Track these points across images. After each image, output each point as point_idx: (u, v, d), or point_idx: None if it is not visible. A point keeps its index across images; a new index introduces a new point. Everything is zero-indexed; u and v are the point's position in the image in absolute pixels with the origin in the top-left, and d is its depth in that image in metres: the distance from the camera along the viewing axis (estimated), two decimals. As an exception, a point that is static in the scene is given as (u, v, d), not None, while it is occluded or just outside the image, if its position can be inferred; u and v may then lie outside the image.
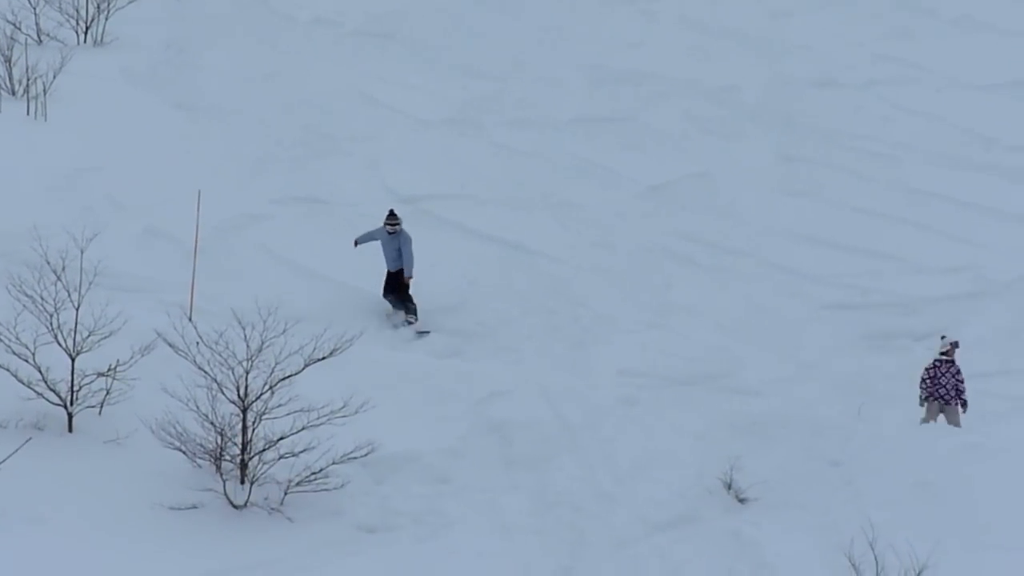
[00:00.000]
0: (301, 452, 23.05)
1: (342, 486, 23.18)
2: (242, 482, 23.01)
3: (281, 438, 23.09)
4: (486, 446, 25.27)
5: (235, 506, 22.60)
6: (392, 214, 26.56)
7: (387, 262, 26.08)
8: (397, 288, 25.92)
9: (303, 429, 23.14)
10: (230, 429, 23.12)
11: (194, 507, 22.72)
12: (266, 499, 22.94)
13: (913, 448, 25.85)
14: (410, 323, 25.75)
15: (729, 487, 24.62)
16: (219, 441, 22.95)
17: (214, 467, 23.02)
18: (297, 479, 23.01)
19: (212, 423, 22.98)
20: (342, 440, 23.36)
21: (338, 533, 22.94)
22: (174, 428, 23.03)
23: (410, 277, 25.72)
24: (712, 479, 24.78)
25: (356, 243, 26.62)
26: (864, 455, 25.66)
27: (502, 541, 23.18)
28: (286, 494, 22.93)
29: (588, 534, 23.63)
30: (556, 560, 22.96)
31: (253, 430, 23.22)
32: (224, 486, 22.77)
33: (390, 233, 26.34)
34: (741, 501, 24.49)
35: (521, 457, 25.17)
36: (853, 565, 21.86)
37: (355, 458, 23.15)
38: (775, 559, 23.22)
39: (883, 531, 22.49)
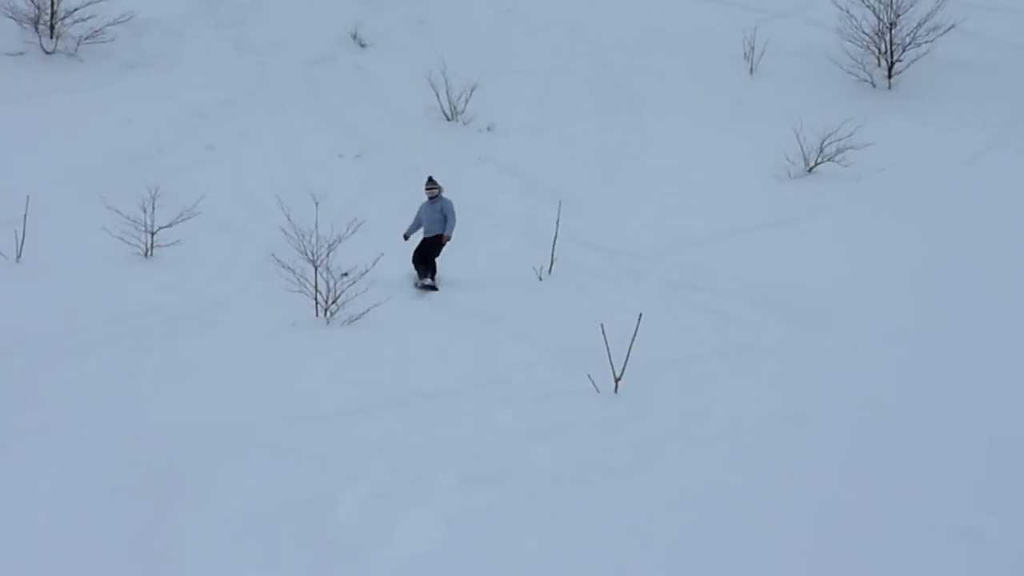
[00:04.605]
0: (88, 18, 24.13)
1: (113, 39, 24.59)
2: (51, 39, 24.50)
3: (76, 9, 24.34)
4: (204, 13, 26.31)
5: (47, 52, 24.16)
6: (430, 180, 18.89)
7: (426, 229, 18.60)
8: (428, 253, 18.31)
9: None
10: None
11: (21, 54, 23.96)
12: (66, 48, 24.39)
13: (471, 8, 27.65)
14: (426, 284, 18.06)
15: (354, 37, 25.97)
16: (37, 11, 24.44)
17: (33, 29, 24.53)
18: (85, 35, 24.49)
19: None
20: (115, 9, 24.82)
21: (111, 69, 24.34)
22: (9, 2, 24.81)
23: (448, 238, 18.32)
24: (343, 32, 25.91)
25: (405, 237, 18.97)
26: (440, 17, 26.88)
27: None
28: (79, 45, 24.46)
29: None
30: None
31: (59, 3, 24.58)
32: (40, 40, 24.44)
33: (431, 199, 18.70)
34: (362, 46, 25.91)
35: (226, 20, 26.26)
36: (431, 84, 24.29)
37: (120, 22, 24.70)
38: (383, 81, 24.98)
39: (450, 64, 24.71)
